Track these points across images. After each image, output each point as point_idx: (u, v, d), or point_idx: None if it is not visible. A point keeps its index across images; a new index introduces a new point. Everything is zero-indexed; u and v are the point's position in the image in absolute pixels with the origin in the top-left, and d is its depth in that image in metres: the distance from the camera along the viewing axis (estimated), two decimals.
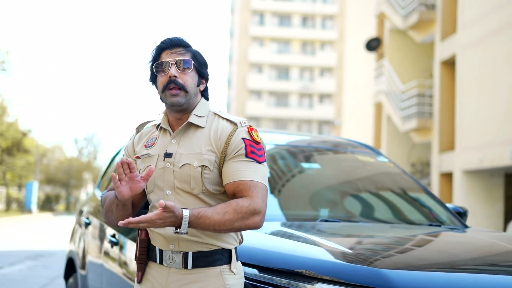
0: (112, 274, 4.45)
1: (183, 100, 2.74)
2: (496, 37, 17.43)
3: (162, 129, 2.85)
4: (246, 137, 2.73)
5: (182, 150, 2.74)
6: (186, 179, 2.70)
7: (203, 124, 2.78)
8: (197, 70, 2.82)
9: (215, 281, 2.68)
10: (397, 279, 2.82)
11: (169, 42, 2.82)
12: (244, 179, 2.65)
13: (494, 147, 17.17)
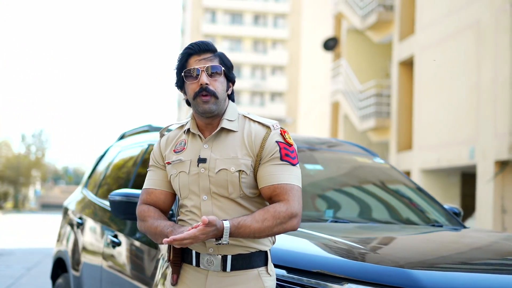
0: (113, 275, 4.43)
1: (214, 107, 2.75)
2: (455, 39, 17.77)
3: (190, 133, 2.85)
4: (280, 140, 2.75)
5: (216, 155, 2.74)
6: (223, 184, 2.71)
7: (236, 128, 2.79)
8: (225, 75, 2.83)
9: (254, 283, 2.70)
10: (425, 279, 2.89)
11: (196, 47, 2.81)
12: (281, 183, 2.68)
13: (453, 147, 17.51)
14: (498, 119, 15.64)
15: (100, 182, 5.52)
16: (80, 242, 5.22)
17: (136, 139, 5.28)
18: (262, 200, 2.78)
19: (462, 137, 17.16)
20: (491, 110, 15.92)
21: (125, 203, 3.83)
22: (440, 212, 4.47)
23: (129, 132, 5.81)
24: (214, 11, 73.98)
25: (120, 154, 5.44)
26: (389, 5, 21.71)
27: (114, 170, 5.38)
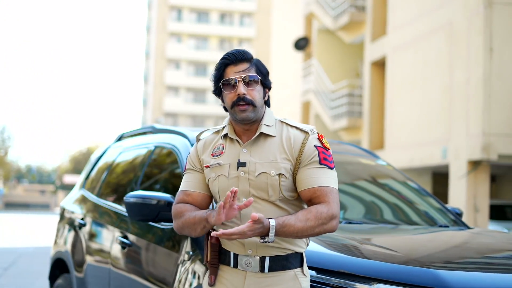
0: (123, 276, 4.46)
1: (252, 115, 2.82)
2: (427, 40, 18.03)
3: (228, 138, 2.91)
4: (318, 145, 2.83)
5: (256, 159, 2.81)
6: (263, 187, 2.78)
7: (274, 133, 2.86)
8: (262, 82, 2.89)
9: (292, 284, 2.78)
10: (451, 280, 2.99)
11: (233, 57, 2.86)
12: (320, 186, 2.76)
13: (425, 147, 17.76)
14: (470, 120, 15.91)
15: (102, 183, 5.53)
16: (84, 243, 5.23)
17: (140, 140, 5.30)
18: (299, 203, 2.86)
19: (435, 137, 17.42)
20: (464, 110, 16.19)
21: (140, 205, 3.86)
22: (443, 212, 4.59)
23: (128, 133, 5.82)
24: (180, 9, 73.77)
25: (123, 155, 5.45)
26: (361, 6, 21.92)
27: (117, 171, 5.39)
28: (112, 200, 5.15)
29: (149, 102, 76.11)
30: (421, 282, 2.98)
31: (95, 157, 6.16)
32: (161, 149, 4.73)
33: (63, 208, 6.10)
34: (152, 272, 4.11)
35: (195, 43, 74.14)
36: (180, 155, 4.35)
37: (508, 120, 15.62)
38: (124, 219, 4.63)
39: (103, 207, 5.15)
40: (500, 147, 15.51)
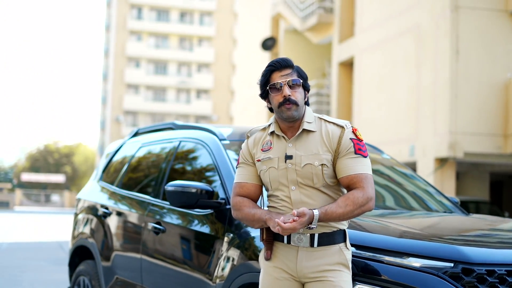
0: (155, 263, 4.86)
1: (296, 113, 3.28)
2: (395, 41, 18.68)
3: (275, 135, 3.37)
4: (353, 137, 3.30)
5: (301, 152, 3.28)
6: (309, 176, 3.25)
7: (314, 129, 3.32)
8: (303, 86, 3.35)
9: (338, 256, 3.25)
10: (472, 254, 3.49)
11: (278, 65, 3.33)
12: (357, 173, 3.24)
13: (393, 145, 18.41)
14: (437, 119, 16.61)
15: (123, 175, 5.92)
16: (110, 231, 5.61)
17: (160, 135, 5.71)
18: (339, 187, 3.33)
19: (403, 135, 18.09)
20: (431, 110, 16.88)
21: (180, 193, 4.28)
22: (446, 201, 5.12)
23: (144, 129, 6.22)
24: (140, 7, 73.68)
25: (143, 149, 5.85)
26: (329, 8, 22.51)
27: (140, 164, 5.79)
28: (137, 190, 5.54)
29: (108, 100, 75.81)
30: (446, 256, 3.47)
31: (111, 152, 6.53)
32: (187, 144, 5.15)
33: (81, 200, 6.47)
34: (187, 256, 4.52)
35: (155, 42, 74.13)
36: (209, 148, 4.78)
37: (473, 120, 16.36)
38: (155, 206, 5.04)
39: (130, 197, 5.54)
40: (465, 145, 16.22)
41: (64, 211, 69.25)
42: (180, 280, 4.57)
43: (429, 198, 5.11)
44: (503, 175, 24.64)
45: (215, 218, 4.34)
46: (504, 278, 3.47)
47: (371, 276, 3.43)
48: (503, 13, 16.65)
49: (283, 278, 3.27)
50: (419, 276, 3.41)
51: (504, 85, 16.45)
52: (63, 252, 17.35)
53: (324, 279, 3.21)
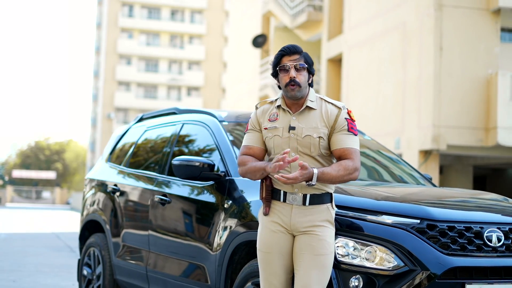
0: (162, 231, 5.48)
1: (298, 94, 3.90)
2: (382, 38, 19.36)
3: (282, 109, 3.99)
4: (347, 117, 3.93)
5: (303, 125, 3.90)
6: (307, 145, 3.87)
7: (315, 107, 3.94)
8: (308, 70, 3.97)
9: (325, 214, 3.87)
10: (436, 213, 4.13)
11: (288, 50, 3.94)
12: (348, 147, 3.86)
13: (379, 138, 19.08)
14: (422, 113, 17.30)
15: (130, 156, 6.54)
16: (118, 205, 6.22)
17: (164, 120, 6.33)
18: (330, 158, 3.95)
19: (389, 129, 18.78)
20: (416, 104, 17.56)
21: (185, 166, 4.91)
22: (419, 176, 5.78)
23: (148, 114, 6.84)
24: (131, 5, 74.14)
25: (148, 133, 6.47)
26: (319, 6, 23.16)
27: (145, 144, 6.41)
28: (143, 168, 6.17)
29: (99, 97, 76.28)
30: (414, 214, 4.10)
31: (116, 136, 7.15)
32: (190, 126, 5.79)
33: (90, 179, 7.08)
34: (191, 224, 5.16)
35: (146, 39, 74.63)
36: (210, 129, 5.42)
37: (456, 114, 17.06)
38: (161, 181, 5.67)
39: (137, 174, 6.17)
40: (449, 138, 16.92)
41: (55, 207, 69.67)
42: (185, 245, 5.19)
43: (404, 173, 5.76)
44: (486, 168, 25.37)
45: (216, 189, 4.96)
46: (462, 233, 4.12)
47: (351, 231, 4.06)
48: (485, 11, 17.35)
49: (278, 231, 3.89)
50: (391, 230, 4.05)
51: (486, 81, 17.15)
52: (60, 241, 17.90)
53: (312, 233, 3.83)
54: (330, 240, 3.83)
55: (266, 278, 3.91)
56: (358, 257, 4.00)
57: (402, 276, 3.97)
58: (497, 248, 4.17)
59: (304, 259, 3.78)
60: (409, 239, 4.02)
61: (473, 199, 4.84)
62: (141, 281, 5.78)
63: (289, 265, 3.88)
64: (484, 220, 4.24)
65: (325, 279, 3.79)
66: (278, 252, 3.86)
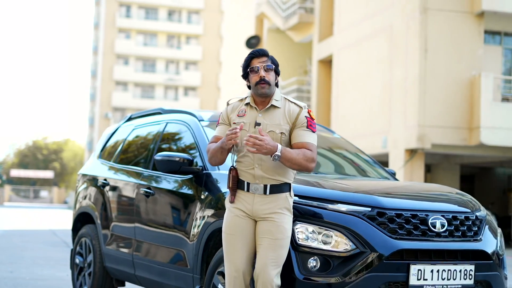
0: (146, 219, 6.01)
1: (268, 91, 4.41)
2: (370, 41, 19.90)
3: (250, 106, 4.50)
4: (307, 116, 4.44)
5: (267, 121, 4.41)
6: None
7: (280, 105, 4.46)
8: (275, 70, 4.49)
9: (283, 201, 4.39)
10: (385, 201, 4.66)
11: (257, 53, 4.46)
12: (307, 141, 4.38)
13: (367, 137, 19.63)
14: (407, 113, 17.84)
15: (119, 153, 7.06)
16: (108, 197, 6.75)
17: (150, 119, 6.85)
18: None
19: (376, 128, 19.32)
20: (402, 104, 18.11)
21: (167, 161, 5.43)
22: (382, 170, 6.31)
23: (136, 114, 7.37)
24: (129, 5, 74.63)
25: (136, 131, 6.99)
26: (310, 8, 23.70)
27: (134, 142, 6.94)
28: (131, 164, 6.69)
29: (97, 96, 76.75)
30: (365, 203, 4.62)
31: (107, 134, 7.68)
32: (173, 125, 6.31)
33: (83, 174, 7.61)
34: (172, 213, 5.68)
35: (143, 40, 75.13)
36: (191, 128, 5.94)
37: (440, 114, 17.61)
38: (146, 175, 6.19)
39: (125, 169, 6.69)
40: (433, 137, 17.47)
41: (53, 206, 70.17)
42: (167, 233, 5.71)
43: (369, 168, 6.29)
44: (474, 167, 25.92)
45: (194, 182, 5.48)
46: (408, 220, 4.65)
47: (310, 218, 4.58)
48: (469, 15, 17.90)
49: (242, 216, 4.41)
50: (345, 217, 4.57)
51: (469, 82, 17.69)
52: (57, 237, 18.43)
53: (270, 219, 4.35)
54: (287, 225, 4.34)
55: (228, 258, 4.43)
56: (316, 241, 4.51)
57: (354, 257, 4.49)
58: (441, 233, 4.70)
59: (263, 242, 4.30)
60: (361, 225, 4.54)
61: (423, 190, 5.38)
62: (128, 267, 6.30)
63: (250, 247, 4.39)
64: (429, 209, 4.77)
65: (281, 259, 4.31)
66: (240, 234, 4.38)
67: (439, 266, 4.62)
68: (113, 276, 6.79)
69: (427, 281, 4.58)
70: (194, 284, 5.26)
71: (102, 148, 7.61)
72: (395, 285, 4.54)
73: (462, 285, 4.68)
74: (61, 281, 9.00)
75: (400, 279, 4.53)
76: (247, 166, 4.40)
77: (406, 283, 4.53)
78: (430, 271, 4.58)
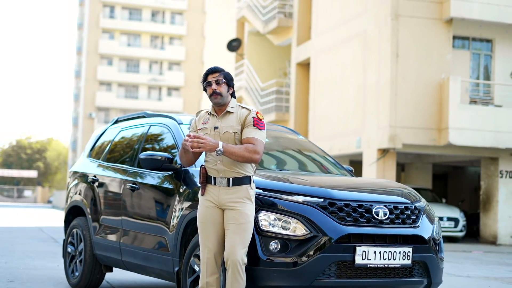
0: (132, 212, 6.81)
1: (220, 101, 5.27)
2: (345, 45, 20.79)
3: (211, 114, 5.35)
4: (254, 116, 5.28)
5: (223, 124, 5.26)
6: (226, 139, 5.20)
7: (234, 111, 5.30)
8: (227, 83, 5.34)
9: (245, 192, 5.19)
10: (336, 193, 5.50)
11: (210, 70, 5.34)
12: (252, 136, 5.21)
13: (342, 137, 20.52)
14: (380, 114, 18.73)
15: (106, 152, 7.87)
16: (98, 192, 7.55)
17: (135, 122, 7.66)
18: None
19: (350, 129, 20.21)
20: (375, 106, 19.01)
21: (150, 159, 6.24)
22: (340, 168, 7.16)
23: (122, 117, 8.17)
24: (112, 6, 75.20)
25: (122, 133, 7.80)
26: (289, 13, 24.56)
27: (120, 142, 7.74)
28: (118, 162, 7.50)
29: (81, 96, 77.27)
30: (319, 195, 5.46)
31: (96, 136, 8.48)
32: (155, 127, 7.13)
33: (74, 171, 8.41)
34: (154, 205, 6.49)
35: (127, 40, 75.76)
36: (171, 130, 6.75)
37: (411, 115, 18.52)
38: (132, 172, 7.00)
39: (112, 167, 7.50)
40: (404, 138, 18.37)
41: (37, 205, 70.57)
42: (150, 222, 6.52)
43: (330, 165, 7.13)
44: (448, 166, 26.88)
45: (174, 178, 6.29)
46: (355, 209, 5.49)
47: (272, 207, 5.41)
48: (438, 21, 18.82)
49: (211, 206, 5.24)
50: (301, 207, 5.41)
51: (439, 85, 18.61)
52: (44, 234, 19.12)
53: (234, 208, 5.18)
54: (249, 212, 5.18)
55: (203, 242, 5.27)
56: (277, 227, 5.34)
57: (308, 240, 5.32)
58: (383, 220, 5.55)
59: (230, 228, 5.14)
60: (314, 213, 5.38)
61: (370, 185, 6.23)
62: (116, 253, 7.11)
63: (219, 232, 5.23)
64: (373, 200, 5.62)
65: (247, 241, 5.15)
66: (211, 222, 5.22)
67: (381, 248, 5.46)
68: (102, 263, 7.58)
69: (371, 260, 5.41)
70: (174, 266, 6.07)
71: (91, 148, 8.41)
72: (343, 264, 5.38)
73: (401, 264, 5.52)
74: (52, 270, 9.76)
75: (347, 259, 5.37)
76: (212, 163, 5.25)
77: (352, 262, 5.37)
78: (373, 252, 5.42)
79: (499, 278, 10.96)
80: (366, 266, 5.40)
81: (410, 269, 5.61)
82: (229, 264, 5.10)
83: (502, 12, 19.13)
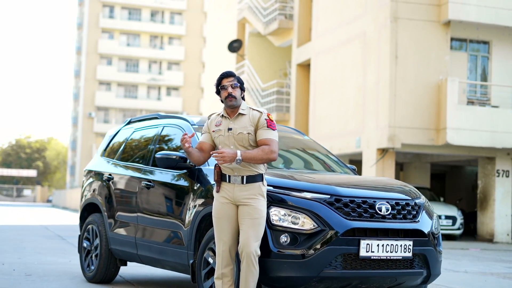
0: (147, 210, 7.19)
1: (235, 103, 5.66)
2: (345, 46, 21.18)
3: (223, 117, 5.74)
4: (266, 118, 5.67)
5: (237, 126, 5.64)
6: (240, 140, 5.59)
7: (246, 113, 5.69)
8: (240, 87, 5.73)
9: (258, 189, 5.59)
10: (341, 190, 5.90)
11: (226, 74, 5.72)
12: (266, 137, 5.60)
13: (342, 137, 20.91)
14: (379, 114, 19.13)
15: (121, 152, 8.25)
16: (113, 190, 7.93)
17: (149, 123, 8.04)
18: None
19: (350, 129, 20.61)
20: (374, 107, 19.40)
21: (166, 159, 6.63)
22: (344, 167, 7.55)
23: (135, 119, 8.56)
24: (112, 6, 75.52)
25: (136, 133, 8.18)
26: (289, 15, 24.94)
27: (134, 143, 8.12)
28: (132, 161, 7.88)
29: (80, 96, 77.60)
30: (326, 192, 5.85)
31: (109, 136, 8.85)
32: (169, 128, 7.51)
33: (89, 170, 8.79)
34: (169, 203, 6.88)
35: (126, 40, 76.08)
36: (184, 130, 7.13)
37: (410, 115, 18.91)
38: (147, 170, 7.38)
39: (127, 165, 7.88)
40: (403, 138, 18.77)
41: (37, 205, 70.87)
42: (165, 218, 6.90)
43: (334, 164, 7.53)
44: (446, 166, 27.28)
45: (188, 176, 6.67)
46: (360, 205, 5.88)
47: (282, 203, 5.81)
48: (436, 23, 19.22)
49: (226, 202, 5.63)
50: (310, 203, 5.80)
51: (437, 86, 19.01)
52: (50, 231, 19.47)
53: (248, 204, 5.56)
54: (261, 208, 5.56)
55: (218, 236, 5.66)
56: (286, 221, 5.73)
57: (316, 234, 5.71)
58: (386, 216, 5.94)
59: (244, 222, 5.53)
60: (322, 209, 5.77)
61: (373, 182, 6.63)
62: (131, 248, 7.49)
63: (234, 226, 5.62)
64: (376, 196, 6.01)
65: (260, 234, 5.54)
66: (225, 217, 5.61)
67: (383, 241, 5.85)
68: (117, 257, 7.96)
69: (374, 253, 5.81)
70: (188, 259, 6.46)
71: (105, 148, 8.78)
72: (349, 256, 5.76)
73: (402, 256, 5.92)
74: (65, 265, 10.14)
75: (352, 251, 5.76)
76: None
77: (357, 254, 5.76)
78: (377, 245, 5.81)
79: (495, 273, 11.36)
80: (370, 258, 5.78)
81: (410, 261, 6.00)
82: (244, 256, 5.47)
83: (499, 15, 19.53)
